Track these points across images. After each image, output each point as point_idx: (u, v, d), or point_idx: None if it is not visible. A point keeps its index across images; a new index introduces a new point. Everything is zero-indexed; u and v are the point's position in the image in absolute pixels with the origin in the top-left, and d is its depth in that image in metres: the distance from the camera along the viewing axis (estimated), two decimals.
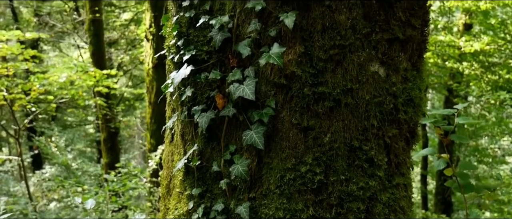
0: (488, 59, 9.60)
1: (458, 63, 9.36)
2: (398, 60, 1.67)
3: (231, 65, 1.64)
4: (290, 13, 1.51)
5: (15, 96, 8.14)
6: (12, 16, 12.38)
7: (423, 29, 1.74)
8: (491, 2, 7.85)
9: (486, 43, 8.62)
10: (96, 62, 9.79)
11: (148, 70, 7.97)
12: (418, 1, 1.67)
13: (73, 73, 8.42)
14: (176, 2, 1.75)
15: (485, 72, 9.47)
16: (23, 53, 8.16)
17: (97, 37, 9.71)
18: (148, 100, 8.11)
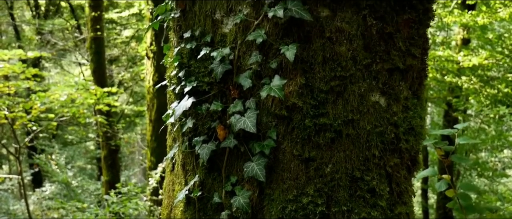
0: (486, 73, 9.62)
1: (457, 77, 9.38)
2: (398, 89, 1.67)
3: (232, 97, 1.65)
4: (291, 45, 1.52)
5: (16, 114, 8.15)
6: (15, 34, 12.46)
7: (423, 58, 1.75)
8: (489, 17, 7.89)
9: (484, 57, 8.66)
10: (97, 79, 9.82)
11: (149, 88, 7.99)
12: (418, 31, 1.69)
13: (74, 91, 8.44)
14: (177, 33, 1.76)
15: (484, 86, 9.49)
16: (24, 72, 8.20)
17: (98, 54, 9.76)
18: (148, 118, 8.11)
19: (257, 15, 1.57)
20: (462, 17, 8.16)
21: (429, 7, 1.69)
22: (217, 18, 1.65)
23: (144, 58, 9.31)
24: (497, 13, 7.89)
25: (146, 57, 8.07)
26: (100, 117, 8.82)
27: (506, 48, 9.02)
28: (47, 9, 12.73)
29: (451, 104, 10.21)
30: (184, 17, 1.72)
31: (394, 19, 1.60)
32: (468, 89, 9.44)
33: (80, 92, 8.46)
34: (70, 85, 8.65)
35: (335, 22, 1.55)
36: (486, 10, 7.87)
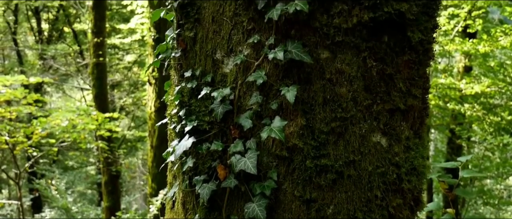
0: (489, 101, 9.62)
1: (459, 105, 9.38)
2: (400, 129, 1.66)
3: (232, 136, 1.64)
4: (291, 87, 1.52)
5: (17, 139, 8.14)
6: (17, 59, 12.57)
7: (424, 97, 1.75)
8: (490, 45, 7.94)
9: (486, 85, 8.67)
10: (98, 105, 9.85)
11: (150, 114, 7.99)
12: (418, 71, 1.69)
13: (75, 117, 8.45)
14: (178, 72, 1.77)
15: (487, 113, 9.48)
16: (26, 97, 8.23)
17: (100, 80, 9.81)
18: (150, 144, 8.10)
19: (258, 56, 1.58)
20: (464, 45, 8.20)
21: (429, 48, 1.70)
22: (217, 58, 1.65)
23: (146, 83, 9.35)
24: (498, 41, 7.93)
25: (148, 83, 8.11)
26: (101, 142, 8.81)
27: (508, 76, 9.05)
28: (50, 34, 12.87)
29: (454, 132, 10.18)
30: (185, 56, 1.73)
31: (394, 60, 1.61)
32: (471, 116, 9.42)
33: (82, 118, 8.47)
34: (71, 110, 8.67)
35: (335, 64, 1.55)
36: (487, 39, 7.92)
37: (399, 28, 1.59)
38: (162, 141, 7.66)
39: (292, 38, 1.54)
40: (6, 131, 8.09)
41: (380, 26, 1.56)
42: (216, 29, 1.64)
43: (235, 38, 1.61)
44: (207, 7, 1.66)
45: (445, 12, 8.23)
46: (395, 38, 1.60)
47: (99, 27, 9.64)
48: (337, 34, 1.54)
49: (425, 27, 1.65)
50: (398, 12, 1.55)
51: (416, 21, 1.61)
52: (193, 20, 1.69)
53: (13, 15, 12.58)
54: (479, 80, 9.42)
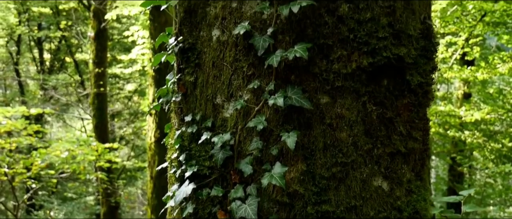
0: (489, 128, 9.62)
1: (459, 132, 9.37)
2: (401, 173, 1.65)
3: (233, 181, 1.63)
4: (292, 133, 1.52)
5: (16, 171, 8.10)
6: (19, 89, 12.62)
7: (424, 139, 1.74)
8: (488, 73, 7.98)
9: (486, 112, 8.67)
10: (98, 135, 9.84)
11: (150, 145, 7.97)
12: (418, 113, 1.69)
13: (75, 147, 8.42)
14: (179, 115, 1.77)
15: (487, 140, 9.46)
16: (27, 128, 8.23)
17: (100, 110, 9.84)
18: (149, 174, 8.04)
19: (258, 101, 1.58)
20: (462, 73, 8.25)
21: (428, 90, 1.70)
22: (218, 103, 1.66)
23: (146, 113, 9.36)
24: (496, 68, 7.97)
25: (149, 114, 8.11)
26: (100, 173, 8.76)
27: (507, 102, 9.07)
28: (51, 64, 12.97)
29: (455, 159, 10.14)
30: (185, 100, 1.73)
31: (393, 104, 1.61)
32: (472, 143, 9.40)
33: (81, 149, 8.44)
34: (71, 141, 8.65)
35: (335, 109, 1.55)
36: (485, 66, 7.97)
37: (398, 72, 1.60)
38: (161, 172, 7.61)
39: (292, 84, 1.55)
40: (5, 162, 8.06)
41: (379, 70, 1.57)
42: (217, 74, 1.65)
43: (235, 83, 1.62)
44: (208, 52, 1.67)
45: (442, 40, 8.30)
46: (394, 81, 1.61)
47: (101, 57, 9.72)
48: (336, 79, 1.54)
49: (424, 70, 1.66)
50: (397, 57, 1.57)
51: (415, 64, 1.62)
52: (193, 64, 1.70)
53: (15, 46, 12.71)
54: (479, 107, 9.44)
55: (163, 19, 6.77)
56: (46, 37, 12.36)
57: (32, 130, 8.25)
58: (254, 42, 1.53)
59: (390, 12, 1.56)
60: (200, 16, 1.68)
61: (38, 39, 12.56)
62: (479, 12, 6.93)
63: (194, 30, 1.70)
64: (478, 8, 6.63)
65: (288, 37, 1.55)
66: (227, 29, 1.62)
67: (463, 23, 6.97)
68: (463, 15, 6.88)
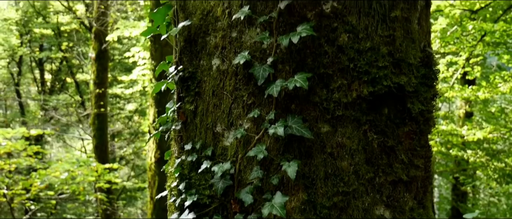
0: (492, 147, 9.57)
1: (462, 151, 9.33)
2: (403, 201, 1.63)
3: (233, 210, 1.61)
4: (292, 162, 1.50)
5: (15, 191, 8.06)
6: (19, 110, 12.64)
7: (426, 166, 1.73)
8: (489, 92, 7.98)
9: (488, 131, 8.64)
10: (98, 155, 9.81)
11: (151, 165, 7.94)
12: (419, 141, 1.68)
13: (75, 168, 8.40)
14: (179, 144, 1.76)
15: (490, 160, 9.41)
16: (26, 149, 8.22)
17: (101, 130, 9.83)
18: (149, 195, 7.99)
19: (258, 130, 1.57)
20: (463, 92, 8.25)
21: (429, 117, 1.69)
22: (218, 131, 1.65)
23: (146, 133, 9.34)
24: (498, 88, 7.98)
25: (149, 134, 8.10)
26: (100, 194, 8.71)
27: (509, 121, 9.04)
28: (52, 84, 13.01)
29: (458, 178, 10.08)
30: (185, 129, 1.73)
31: (395, 132, 1.60)
32: (475, 162, 9.35)
33: (81, 169, 8.42)
34: (71, 161, 8.63)
35: (336, 138, 1.54)
36: (486, 85, 7.97)
37: (399, 100, 1.60)
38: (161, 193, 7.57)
39: (293, 113, 1.54)
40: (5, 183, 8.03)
41: (380, 99, 1.56)
42: (217, 103, 1.65)
43: (236, 112, 1.61)
44: (208, 81, 1.67)
45: (443, 60, 8.33)
46: (395, 110, 1.60)
47: (102, 78, 9.76)
48: (337, 108, 1.54)
49: (425, 98, 1.66)
50: (398, 85, 1.56)
51: (416, 92, 1.61)
52: (193, 93, 1.70)
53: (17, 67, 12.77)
54: (481, 126, 9.42)
55: (164, 41, 6.79)
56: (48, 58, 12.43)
57: (31, 151, 8.24)
58: (254, 72, 1.53)
59: (390, 41, 1.56)
60: (200, 45, 1.69)
61: (39, 60, 12.63)
62: (479, 32, 6.97)
63: (194, 59, 1.70)
64: (478, 29, 6.66)
65: (288, 67, 1.55)
66: (227, 58, 1.62)
67: (463, 44, 7.00)
68: (463, 36, 6.91)
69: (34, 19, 12.27)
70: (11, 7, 12.70)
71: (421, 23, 1.70)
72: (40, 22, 11.90)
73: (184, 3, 1.75)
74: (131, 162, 13.22)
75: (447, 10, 6.73)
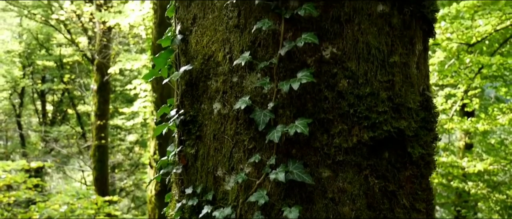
0: (493, 179, 9.52)
1: (463, 183, 9.28)
2: None
3: None
4: (293, 208, 1.50)
5: None
6: (20, 141, 12.63)
7: (428, 210, 1.72)
8: (489, 124, 8.00)
9: (489, 163, 8.62)
10: (98, 187, 9.75)
11: (151, 198, 7.88)
12: (421, 185, 1.67)
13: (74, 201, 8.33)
14: (179, 187, 1.76)
15: (492, 191, 9.35)
16: (26, 181, 8.18)
17: (101, 162, 9.80)
18: None
19: (259, 175, 1.58)
20: (462, 124, 8.27)
21: (430, 160, 1.70)
22: (219, 175, 1.65)
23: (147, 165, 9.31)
24: (497, 120, 8.00)
25: (149, 166, 8.07)
26: None
27: (509, 153, 9.03)
28: (54, 116, 13.04)
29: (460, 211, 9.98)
30: (186, 172, 1.73)
31: (396, 176, 1.60)
32: (476, 194, 9.29)
33: (81, 202, 8.35)
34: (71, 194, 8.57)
35: (337, 183, 1.55)
36: (485, 117, 8.00)
37: (399, 144, 1.61)
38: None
39: (293, 158, 1.55)
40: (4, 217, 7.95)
41: (380, 143, 1.57)
42: (218, 147, 1.66)
43: (236, 156, 1.62)
44: (209, 125, 1.68)
45: (442, 92, 8.38)
46: (395, 154, 1.61)
47: (103, 110, 9.79)
48: (338, 154, 1.54)
49: (425, 141, 1.67)
50: (398, 130, 1.57)
51: (416, 136, 1.62)
52: (194, 137, 1.71)
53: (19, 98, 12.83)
54: (481, 158, 9.39)
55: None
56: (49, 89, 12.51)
57: (31, 184, 8.21)
58: (255, 117, 1.55)
59: (389, 87, 1.58)
60: (202, 89, 1.71)
61: (41, 91, 12.71)
62: (477, 65, 7.04)
63: (196, 103, 1.72)
64: (475, 62, 6.73)
65: (288, 112, 1.56)
66: (228, 102, 1.64)
67: (461, 76, 7.06)
68: (460, 69, 6.98)
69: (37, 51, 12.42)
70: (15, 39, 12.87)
71: (419, 67, 1.72)
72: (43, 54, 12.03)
73: (185, 48, 1.78)
74: (131, 194, 13.12)
75: (444, 43, 6.82)
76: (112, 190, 11.10)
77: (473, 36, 7.01)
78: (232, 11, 1.65)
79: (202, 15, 1.73)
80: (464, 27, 6.93)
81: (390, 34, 1.62)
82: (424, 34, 1.75)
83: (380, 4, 1.61)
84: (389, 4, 1.62)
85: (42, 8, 12.10)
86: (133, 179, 11.98)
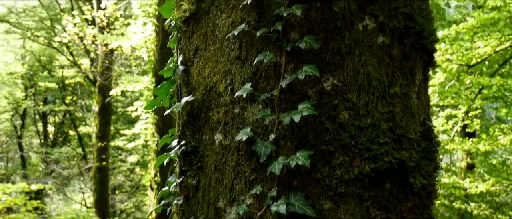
0: (495, 199, 9.45)
1: (465, 204, 9.20)
2: None
3: None
4: None
5: None
6: (21, 162, 12.61)
7: None
8: (490, 144, 7.99)
9: (491, 184, 8.57)
10: (99, 209, 9.69)
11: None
12: (422, 214, 1.67)
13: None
14: (181, 217, 1.75)
15: (494, 212, 9.27)
16: (26, 204, 8.13)
17: (101, 184, 9.76)
18: None
19: (260, 206, 1.57)
20: (464, 144, 8.25)
21: (432, 190, 1.70)
22: (220, 206, 1.65)
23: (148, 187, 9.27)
24: (498, 140, 7.99)
25: (150, 188, 8.04)
26: None
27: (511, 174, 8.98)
28: (55, 137, 13.04)
29: None
30: (187, 203, 1.72)
31: (397, 207, 1.59)
32: (479, 215, 9.20)
33: None
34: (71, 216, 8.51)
35: (338, 215, 1.54)
36: (486, 138, 7.99)
37: (400, 175, 1.60)
38: None
39: (295, 189, 1.54)
40: None
41: (381, 174, 1.57)
42: (219, 178, 1.66)
43: (238, 188, 1.62)
44: (210, 156, 1.69)
45: (442, 113, 8.39)
46: (397, 185, 1.60)
47: (104, 131, 9.80)
48: (339, 185, 1.54)
49: (427, 172, 1.66)
50: (399, 161, 1.58)
51: (417, 167, 1.62)
52: (196, 168, 1.71)
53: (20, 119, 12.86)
54: (483, 178, 9.34)
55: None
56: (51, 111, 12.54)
57: (31, 206, 8.17)
58: (256, 149, 1.55)
59: (390, 118, 1.59)
60: (203, 120, 1.72)
61: (43, 113, 12.73)
62: (477, 86, 7.06)
63: (197, 134, 1.73)
64: (475, 83, 6.75)
65: (290, 143, 1.57)
66: (229, 133, 1.65)
67: (461, 98, 7.08)
68: (460, 90, 7.00)
69: (39, 73, 12.49)
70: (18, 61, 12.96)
71: (420, 97, 1.73)
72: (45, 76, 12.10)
73: (187, 78, 1.79)
74: (131, 215, 13.01)
75: (444, 65, 6.85)
76: (112, 212, 11.03)
77: (473, 57, 7.05)
78: (233, 43, 1.67)
79: (204, 46, 1.75)
80: (464, 49, 6.98)
81: (390, 65, 1.64)
82: (424, 64, 1.77)
83: (381, 35, 1.63)
84: (389, 36, 1.64)
85: (45, 31, 12.23)
86: (134, 201, 11.91)
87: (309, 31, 1.59)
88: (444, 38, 6.92)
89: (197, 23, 1.78)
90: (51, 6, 12.77)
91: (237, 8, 1.67)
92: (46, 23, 12.07)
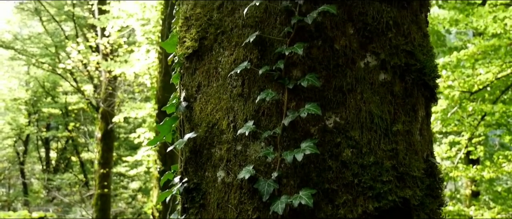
0: None
1: None
2: None
3: None
4: None
5: None
6: (22, 189, 12.56)
7: None
8: (494, 171, 7.92)
9: (496, 212, 8.47)
10: None
11: None
12: None
13: None
14: None
15: None
16: None
17: (103, 212, 9.68)
18: None
19: None
20: (468, 172, 8.18)
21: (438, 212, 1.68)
22: None
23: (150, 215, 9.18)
24: (502, 167, 7.92)
25: (152, 216, 7.97)
26: None
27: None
28: (57, 163, 13.02)
29: None
30: None
31: None
32: None
33: None
34: None
35: None
36: (491, 165, 7.93)
37: (405, 213, 1.59)
38: None
39: None
40: None
41: (385, 213, 1.55)
42: (221, 216, 1.64)
43: None
44: (213, 193, 1.68)
45: (445, 139, 8.35)
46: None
47: (106, 158, 9.78)
48: None
49: (431, 209, 1.65)
50: (403, 200, 1.56)
51: (422, 205, 1.61)
52: (198, 205, 1.70)
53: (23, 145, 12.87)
54: (488, 206, 9.24)
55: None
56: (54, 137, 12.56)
57: None
58: (259, 187, 1.54)
59: (393, 155, 1.58)
60: (206, 157, 1.71)
61: (45, 139, 12.75)
62: (480, 112, 7.05)
63: (199, 170, 1.72)
64: (478, 110, 6.75)
65: (292, 182, 1.56)
66: (232, 171, 1.64)
67: (464, 125, 7.06)
68: (463, 117, 6.99)
69: (43, 99, 12.56)
70: (22, 87, 13.05)
71: (422, 133, 1.73)
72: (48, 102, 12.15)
73: (190, 115, 1.80)
74: None
75: (446, 92, 6.86)
76: None
77: (475, 84, 7.06)
78: (236, 80, 1.68)
79: (206, 83, 1.76)
80: (466, 75, 7.00)
81: (392, 102, 1.64)
82: (426, 101, 1.77)
83: (382, 73, 1.64)
84: (391, 73, 1.65)
85: (50, 57, 12.35)
86: None
87: (311, 69, 1.60)
88: (446, 65, 6.95)
89: (200, 59, 1.80)
90: (56, 33, 12.95)
91: (240, 45, 1.69)
92: (50, 49, 12.21)
